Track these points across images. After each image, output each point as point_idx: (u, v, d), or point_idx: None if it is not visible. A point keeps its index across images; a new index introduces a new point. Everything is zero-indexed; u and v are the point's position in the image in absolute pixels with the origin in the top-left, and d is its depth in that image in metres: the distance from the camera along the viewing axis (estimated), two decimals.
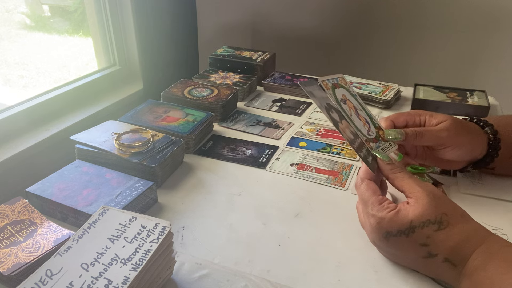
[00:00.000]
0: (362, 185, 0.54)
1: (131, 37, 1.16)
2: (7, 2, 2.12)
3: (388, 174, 0.54)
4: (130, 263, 0.43)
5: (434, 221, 0.46)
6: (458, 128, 0.62)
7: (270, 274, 0.53)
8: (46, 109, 0.96)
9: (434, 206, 0.47)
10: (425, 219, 0.46)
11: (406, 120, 0.65)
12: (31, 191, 0.62)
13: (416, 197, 0.48)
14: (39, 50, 2.36)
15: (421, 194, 0.48)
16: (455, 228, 0.46)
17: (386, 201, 0.51)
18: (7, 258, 0.49)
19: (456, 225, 0.46)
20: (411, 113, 0.65)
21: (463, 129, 0.63)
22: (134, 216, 0.49)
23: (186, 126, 0.81)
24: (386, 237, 0.49)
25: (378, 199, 0.51)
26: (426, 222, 0.46)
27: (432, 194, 0.48)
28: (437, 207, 0.47)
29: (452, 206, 0.49)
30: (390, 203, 0.50)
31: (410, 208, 0.48)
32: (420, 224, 0.46)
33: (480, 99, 0.97)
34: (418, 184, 0.50)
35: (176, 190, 0.70)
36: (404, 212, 0.47)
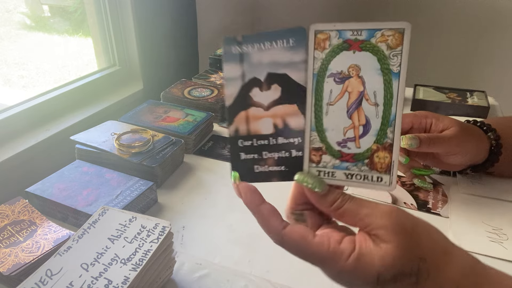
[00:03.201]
0: (284, 244, 0.35)
1: (131, 37, 1.16)
2: (7, 2, 2.12)
3: (329, 209, 0.35)
4: (130, 263, 0.43)
5: (409, 272, 0.32)
6: (465, 135, 0.62)
7: (270, 274, 0.53)
8: (46, 109, 0.96)
9: (406, 249, 0.32)
10: (398, 271, 0.32)
11: (411, 122, 0.64)
12: (31, 191, 0.62)
13: (379, 236, 0.33)
14: (39, 50, 2.36)
15: (386, 232, 0.33)
16: (440, 277, 0.33)
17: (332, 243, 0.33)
18: (7, 258, 0.49)
19: (440, 272, 0.33)
20: (417, 114, 0.65)
21: (469, 136, 0.63)
22: (134, 216, 0.49)
23: (186, 126, 0.81)
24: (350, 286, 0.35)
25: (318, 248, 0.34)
26: (399, 275, 0.32)
27: (400, 227, 0.33)
28: (411, 251, 0.32)
29: (430, 242, 0.34)
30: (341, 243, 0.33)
31: (375, 253, 0.32)
32: (391, 278, 0.32)
33: (480, 100, 0.97)
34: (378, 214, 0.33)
35: (176, 190, 0.70)
36: (368, 259, 0.32)
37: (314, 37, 0.34)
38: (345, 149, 0.35)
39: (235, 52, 0.35)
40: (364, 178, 0.35)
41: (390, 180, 0.35)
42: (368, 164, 0.35)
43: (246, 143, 0.36)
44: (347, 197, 0.35)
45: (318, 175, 0.36)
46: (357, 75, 0.34)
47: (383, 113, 0.34)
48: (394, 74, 0.33)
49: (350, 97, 0.34)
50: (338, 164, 0.35)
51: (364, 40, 0.33)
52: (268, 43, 0.35)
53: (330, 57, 0.34)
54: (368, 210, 0.34)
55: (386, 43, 0.33)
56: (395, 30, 0.32)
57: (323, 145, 0.35)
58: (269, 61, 0.35)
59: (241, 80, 0.36)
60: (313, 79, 0.34)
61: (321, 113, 0.35)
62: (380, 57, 0.33)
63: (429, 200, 0.66)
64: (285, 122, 0.36)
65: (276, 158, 0.36)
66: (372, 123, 0.34)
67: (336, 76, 0.34)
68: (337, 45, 0.33)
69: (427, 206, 0.65)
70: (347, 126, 0.35)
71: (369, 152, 0.35)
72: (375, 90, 0.33)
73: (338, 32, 0.33)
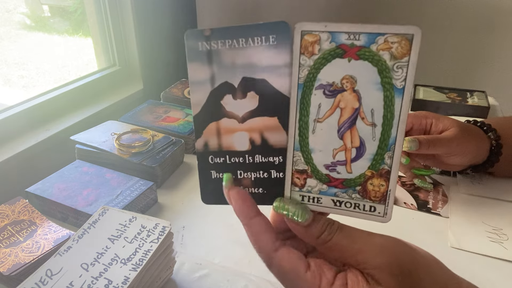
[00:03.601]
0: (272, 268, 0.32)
1: (131, 37, 1.16)
2: (7, 2, 2.12)
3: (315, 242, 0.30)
4: (130, 263, 0.43)
5: None
6: (465, 136, 0.62)
7: (270, 274, 0.53)
8: (46, 109, 0.96)
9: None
10: None
11: (411, 122, 0.64)
12: (31, 191, 0.62)
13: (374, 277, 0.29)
14: (39, 50, 2.36)
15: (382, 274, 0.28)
16: None
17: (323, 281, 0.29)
18: (7, 258, 0.49)
19: None
20: (417, 115, 0.65)
21: (470, 137, 0.63)
22: (134, 216, 0.49)
23: (186, 126, 0.81)
24: None
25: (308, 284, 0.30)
26: None
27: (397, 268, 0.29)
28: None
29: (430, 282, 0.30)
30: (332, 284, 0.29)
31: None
32: None
33: (480, 100, 0.97)
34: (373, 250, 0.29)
35: (176, 190, 0.70)
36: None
37: (300, 39, 0.27)
38: (334, 173, 0.30)
39: (202, 49, 0.29)
40: (354, 207, 0.31)
41: (385, 210, 0.30)
42: (360, 191, 0.30)
43: (217, 160, 0.32)
44: (335, 228, 0.30)
45: (302, 200, 0.31)
46: (352, 88, 0.28)
47: (382, 135, 0.28)
48: (397, 90, 0.27)
49: (343, 114, 0.28)
50: (325, 190, 0.30)
51: (362, 46, 0.27)
52: (242, 39, 0.28)
53: (320, 64, 0.27)
54: (360, 245, 0.29)
55: (390, 51, 0.26)
56: (401, 36, 0.26)
57: (308, 167, 0.30)
58: (244, 63, 0.29)
59: (210, 84, 0.30)
60: (298, 90, 0.28)
61: (306, 131, 0.29)
62: (381, 68, 0.27)
63: (429, 200, 0.66)
64: (263, 137, 0.30)
65: (252, 178, 0.31)
66: (367, 146, 0.29)
67: (326, 88, 0.28)
68: (328, 51, 0.27)
69: (427, 206, 0.65)
70: (337, 148, 0.29)
71: (362, 178, 0.30)
72: (373, 107, 0.28)
73: (330, 34, 0.27)
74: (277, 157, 0.31)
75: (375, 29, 0.26)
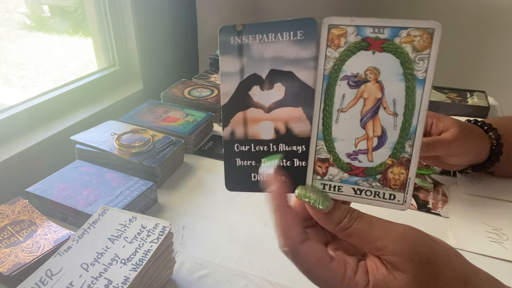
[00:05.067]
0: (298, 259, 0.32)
1: (131, 37, 1.16)
2: (7, 2, 2.12)
3: (335, 229, 0.31)
4: (130, 263, 0.43)
5: None
6: (465, 136, 0.62)
7: (270, 274, 0.53)
8: (46, 109, 0.96)
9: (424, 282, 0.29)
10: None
11: None
12: (31, 191, 0.62)
13: (393, 263, 0.29)
14: (39, 50, 2.36)
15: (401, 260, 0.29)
16: None
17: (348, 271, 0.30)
18: (7, 258, 0.49)
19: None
20: None
21: (470, 137, 0.63)
22: (134, 216, 0.49)
23: (186, 126, 0.81)
24: None
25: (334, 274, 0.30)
26: None
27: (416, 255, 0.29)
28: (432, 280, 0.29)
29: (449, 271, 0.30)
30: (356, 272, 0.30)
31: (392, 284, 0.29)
32: None
33: (480, 100, 0.97)
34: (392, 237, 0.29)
35: (176, 190, 0.70)
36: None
37: (327, 32, 0.29)
38: (356, 162, 0.31)
39: (234, 43, 0.31)
40: (374, 195, 0.31)
41: (404, 198, 0.31)
42: (380, 179, 0.31)
43: (242, 148, 0.33)
44: (355, 215, 0.31)
45: (323, 188, 0.32)
46: (375, 79, 0.29)
47: (403, 124, 0.29)
48: (419, 81, 0.28)
49: (366, 104, 0.29)
50: (346, 178, 0.31)
51: (386, 39, 0.28)
52: (272, 34, 0.30)
53: (345, 56, 0.29)
54: (379, 232, 0.30)
55: (412, 44, 0.28)
56: (423, 30, 0.27)
57: (330, 156, 0.31)
58: (273, 56, 0.30)
59: (239, 76, 0.31)
60: (323, 81, 0.30)
61: (330, 120, 0.30)
62: (403, 60, 0.28)
63: (429, 200, 0.66)
64: (288, 127, 0.32)
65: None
66: (388, 135, 0.30)
67: (350, 79, 0.29)
68: (354, 44, 0.28)
69: (427, 206, 0.65)
70: (359, 137, 0.30)
71: (383, 167, 0.31)
72: (395, 97, 0.29)
73: (356, 28, 0.28)
74: (300, 146, 0.32)
75: (398, 23, 0.28)
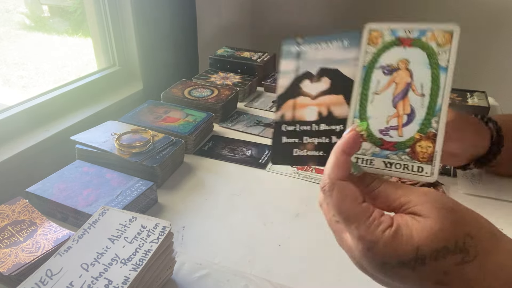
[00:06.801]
0: (334, 191, 0.33)
1: (130, 37, 1.16)
2: (7, 3, 2.12)
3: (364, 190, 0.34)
4: (130, 263, 0.43)
5: (454, 248, 0.29)
6: (462, 122, 0.61)
7: (270, 274, 0.53)
8: (46, 109, 0.96)
9: (450, 223, 0.29)
10: (440, 245, 0.29)
11: None
12: (32, 191, 0.62)
13: (417, 211, 0.31)
14: (38, 51, 2.36)
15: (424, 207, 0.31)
16: (488, 261, 0.30)
17: (375, 212, 0.32)
18: (7, 258, 0.49)
19: (489, 255, 0.30)
20: None
21: (467, 123, 0.62)
22: (134, 216, 0.49)
23: (186, 126, 0.81)
24: (382, 268, 0.32)
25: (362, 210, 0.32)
26: (442, 250, 0.29)
27: (440, 204, 0.30)
28: (457, 225, 0.30)
29: (475, 222, 0.31)
30: (382, 215, 0.32)
31: (414, 226, 0.30)
32: (433, 253, 0.29)
33: (480, 100, 0.97)
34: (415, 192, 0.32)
35: (176, 190, 0.70)
36: (406, 232, 0.30)
37: (368, 33, 0.35)
38: (387, 137, 0.35)
39: (294, 50, 0.38)
40: (404, 168, 0.34)
41: (432, 170, 0.34)
42: (409, 153, 0.34)
43: (289, 128, 0.38)
44: (383, 179, 0.34)
45: (356, 162, 0.35)
46: (405, 67, 0.34)
47: (429, 103, 0.34)
48: (443, 69, 0.34)
49: (397, 88, 0.35)
50: (377, 152, 0.35)
51: (415, 38, 0.34)
52: (324, 43, 0.37)
53: (381, 51, 0.35)
54: (403, 191, 0.32)
55: (436, 41, 0.34)
56: (444, 30, 0.34)
57: (364, 132, 0.35)
58: (323, 58, 0.37)
59: (295, 73, 0.38)
60: (362, 70, 0.35)
61: (366, 101, 0.35)
62: (429, 52, 0.34)
63: None
64: (329, 110, 0.37)
65: (316, 143, 0.37)
66: (417, 112, 0.34)
67: (385, 68, 0.35)
68: (389, 41, 0.35)
69: None
70: (391, 115, 0.35)
71: (412, 141, 0.34)
72: (422, 82, 0.34)
73: (391, 30, 0.35)
74: (338, 126, 0.36)
75: (425, 26, 0.34)
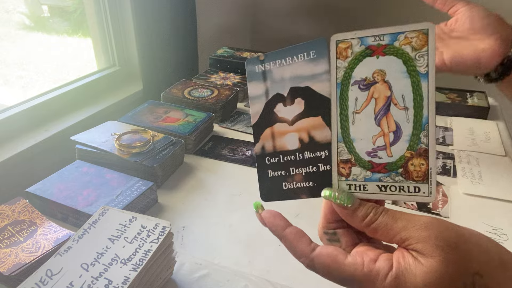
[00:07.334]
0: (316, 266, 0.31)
1: (130, 37, 1.16)
2: (7, 3, 2.12)
3: (361, 225, 0.31)
4: (130, 263, 0.43)
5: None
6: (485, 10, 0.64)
7: (270, 274, 0.53)
8: (46, 110, 0.96)
9: (455, 264, 0.27)
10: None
11: None
12: (32, 191, 0.62)
13: (419, 250, 0.28)
14: (38, 51, 2.36)
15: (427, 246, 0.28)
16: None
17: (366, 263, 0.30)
18: (7, 258, 0.49)
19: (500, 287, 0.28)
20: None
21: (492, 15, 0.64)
22: (134, 216, 0.49)
23: (186, 126, 0.81)
24: None
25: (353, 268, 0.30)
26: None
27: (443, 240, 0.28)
28: (461, 265, 0.27)
29: (483, 254, 0.28)
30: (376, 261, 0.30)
31: (417, 270, 0.28)
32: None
33: (480, 100, 0.98)
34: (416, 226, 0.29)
35: (176, 190, 0.70)
36: (409, 278, 0.28)
37: (335, 46, 0.32)
38: (376, 159, 0.32)
39: (258, 70, 0.35)
40: (399, 190, 0.32)
41: (430, 189, 0.31)
42: (402, 173, 0.32)
43: (272, 160, 0.35)
44: (380, 210, 0.31)
45: (349, 189, 0.33)
46: (382, 80, 0.31)
47: (414, 116, 0.31)
48: (422, 75, 0.31)
49: (377, 103, 0.32)
50: (369, 176, 0.32)
51: (387, 44, 0.31)
52: (289, 58, 0.34)
53: (353, 64, 0.32)
54: (403, 223, 0.29)
55: (411, 45, 0.31)
56: (418, 32, 0.31)
57: (351, 156, 0.33)
58: (291, 76, 0.34)
59: (265, 97, 0.35)
60: (337, 88, 0.32)
61: (347, 123, 0.32)
62: (405, 59, 0.31)
63: None
64: (310, 135, 0.34)
65: (303, 173, 0.34)
66: (403, 129, 0.31)
67: (360, 83, 0.32)
68: (359, 52, 0.32)
69: (427, 206, 0.65)
70: (376, 134, 0.32)
71: (403, 160, 0.32)
72: (403, 93, 0.31)
73: (359, 39, 0.32)
74: (323, 151, 0.34)
75: (396, 29, 0.31)
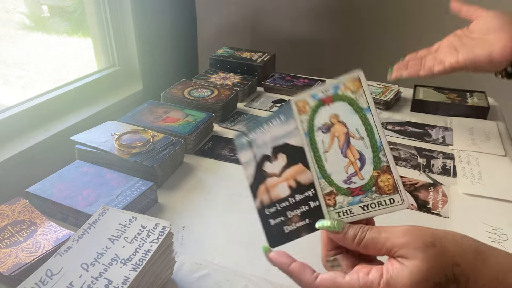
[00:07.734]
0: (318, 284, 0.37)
1: (130, 37, 1.16)
2: (7, 3, 2.12)
3: (353, 245, 0.36)
4: (130, 263, 0.43)
5: (445, 281, 0.32)
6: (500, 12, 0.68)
7: (270, 274, 0.53)
8: (46, 110, 0.96)
9: (434, 260, 0.32)
10: (431, 283, 0.32)
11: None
12: (32, 191, 0.62)
13: (403, 255, 0.33)
14: (38, 51, 2.36)
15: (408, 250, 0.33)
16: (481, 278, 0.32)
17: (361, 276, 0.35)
18: (7, 258, 0.49)
19: (480, 273, 0.32)
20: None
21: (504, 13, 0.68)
22: (134, 216, 0.49)
23: (186, 126, 0.81)
24: None
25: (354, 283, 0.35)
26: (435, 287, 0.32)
27: (420, 241, 0.33)
28: (439, 260, 0.32)
29: (457, 247, 0.33)
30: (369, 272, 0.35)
31: (403, 272, 0.33)
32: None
33: (479, 100, 0.98)
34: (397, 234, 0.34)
35: (176, 190, 0.70)
36: (398, 280, 0.33)
37: (296, 106, 0.39)
38: (352, 184, 0.38)
39: (245, 142, 0.42)
40: (378, 205, 0.38)
41: (401, 198, 0.38)
42: (376, 190, 0.38)
43: (271, 210, 0.41)
44: (366, 228, 0.36)
45: (339, 216, 0.38)
46: (338, 121, 0.39)
47: (370, 142, 0.38)
48: (366, 109, 0.38)
49: (340, 140, 0.39)
50: (351, 200, 0.38)
51: (333, 94, 0.39)
52: (266, 125, 0.41)
53: (313, 115, 0.39)
54: (387, 234, 0.35)
55: (350, 90, 0.38)
56: (352, 79, 0.38)
57: (333, 188, 0.39)
58: (271, 138, 0.41)
59: (254, 160, 0.42)
60: (306, 137, 0.39)
61: (321, 162, 0.39)
62: (349, 101, 0.38)
63: (429, 200, 0.66)
64: (296, 180, 0.40)
65: (299, 214, 0.40)
66: (365, 154, 0.38)
67: (322, 128, 0.39)
68: (315, 105, 0.39)
69: (427, 206, 0.65)
70: (346, 164, 0.39)
71: (373, 179, 0.38)
72: (357, 127, 0.38)
73: (311, 96, 0.39)
74: (310, 191, 0.39)
75: (335, 82, 0.38)
